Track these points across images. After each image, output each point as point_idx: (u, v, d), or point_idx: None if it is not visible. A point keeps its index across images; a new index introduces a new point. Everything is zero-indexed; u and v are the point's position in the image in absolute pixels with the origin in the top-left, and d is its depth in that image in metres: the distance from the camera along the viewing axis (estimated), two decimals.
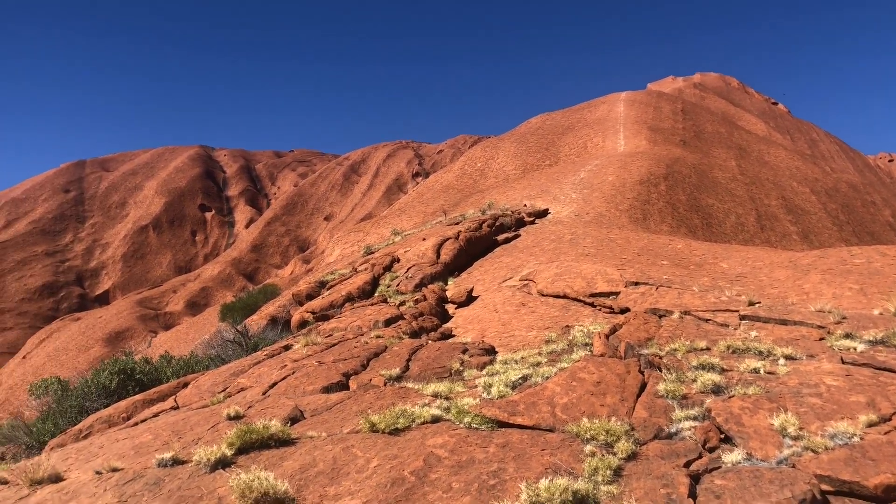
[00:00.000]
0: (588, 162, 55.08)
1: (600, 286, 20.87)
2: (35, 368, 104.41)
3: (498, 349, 16.60)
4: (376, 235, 55.38)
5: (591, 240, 30.83)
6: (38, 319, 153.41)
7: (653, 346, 12.86)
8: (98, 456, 11.88)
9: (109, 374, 24.44)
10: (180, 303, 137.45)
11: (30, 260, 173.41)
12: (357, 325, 20.46)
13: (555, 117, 78.45)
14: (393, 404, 10.93)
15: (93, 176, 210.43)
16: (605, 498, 7.52)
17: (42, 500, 10.21)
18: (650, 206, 44.89)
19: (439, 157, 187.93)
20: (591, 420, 9.11)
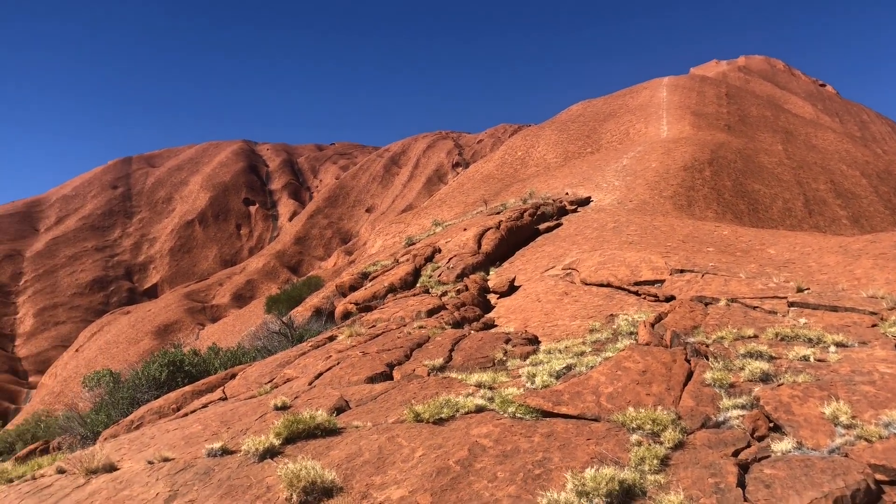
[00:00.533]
0: (630, 149, 54.44)
1: (645, 274, 20.64)
2: (87, 361, 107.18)
3: (541, 339, 16.54)
4: (417, 226, 55.54)
5: (635, 227, 30.49)
6: (89, 313, 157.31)
7: (699, 335, 12.70)
8: (150, 446, 12.16)
9: (159, 367, 24.96)
10: (226, 295, 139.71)
11: (80, 255, 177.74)
12: (400, 315, 20.56)
13: (596, 104, 77.66)
14: (437, 394, 10.97)
15: (139, 172, 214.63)
16: (652, 487, 7.45)
17: (97, 488, 10.49)
18: (695, 193, 44.22)
19: (479, 147, 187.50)
20: (636, 409, 9.03)
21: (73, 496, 10.58)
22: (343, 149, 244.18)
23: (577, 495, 7.13)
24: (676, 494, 6.98)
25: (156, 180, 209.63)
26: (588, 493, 7.17)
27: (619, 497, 7.22)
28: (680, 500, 6.84)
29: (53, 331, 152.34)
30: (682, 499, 6.88)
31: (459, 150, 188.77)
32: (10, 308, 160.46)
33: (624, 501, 7.23)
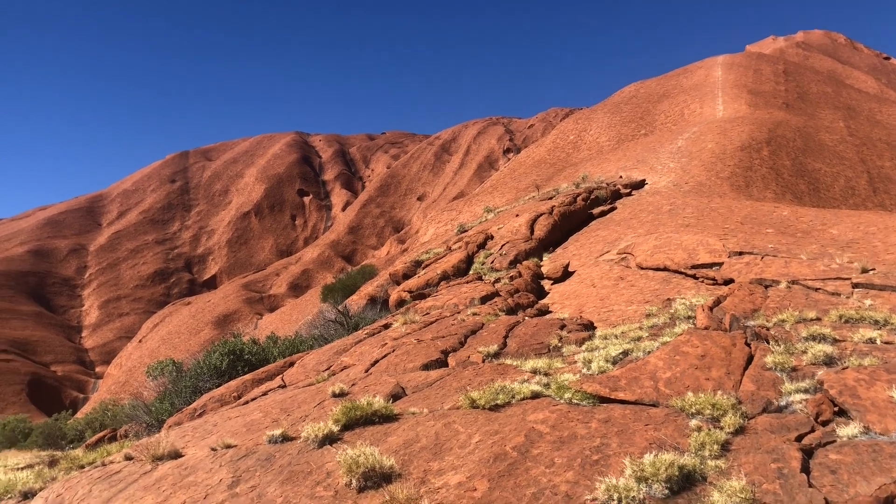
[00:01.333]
0: (685, 129, 53.41)
1: (702, 257, 20.29)
2: (151, 351, 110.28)
3: (597, 324, 16.41)
4: (469, 213, 55.52)
5: (692, 210, 29.96)
6: (151, 304, 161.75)
7: (759, 318, 12.44)
8: (212, 433, 12.46)
9: (220, 356, 25.55)
10: (283, 285, 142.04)
11: (142, 248, 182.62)
12: (453, 302, 20.62)
13: (649, 85, 76.34)
14: (492, 381, 10.99)
15: (196, 165, 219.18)
16: (713, 473, 7.35)
17: (163, 475, 10.81)
18: (752, 173, 43.20)
19: (530, 132, 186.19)
20: (695, 394, 8.91)
21: (140, 482, 10.92)
22: (394, 138, 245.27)
23: (636, 481, 7.07)
24: (738, 480, 6.87)
25: (212, 173, 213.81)
26: (647, 479, 7.11)
27: (679, 482, 7.14)
28: (742, 486, 6.73)
29: (117, 322, 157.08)
30: (745, 484, 6.77)
31: (510, 136, 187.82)
32: (77, 301, 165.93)
33: (684, 487, 7.14)
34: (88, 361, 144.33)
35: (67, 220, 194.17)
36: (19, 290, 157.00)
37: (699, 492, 7.09)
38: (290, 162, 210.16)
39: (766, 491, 6.93)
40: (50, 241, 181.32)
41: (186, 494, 9.71)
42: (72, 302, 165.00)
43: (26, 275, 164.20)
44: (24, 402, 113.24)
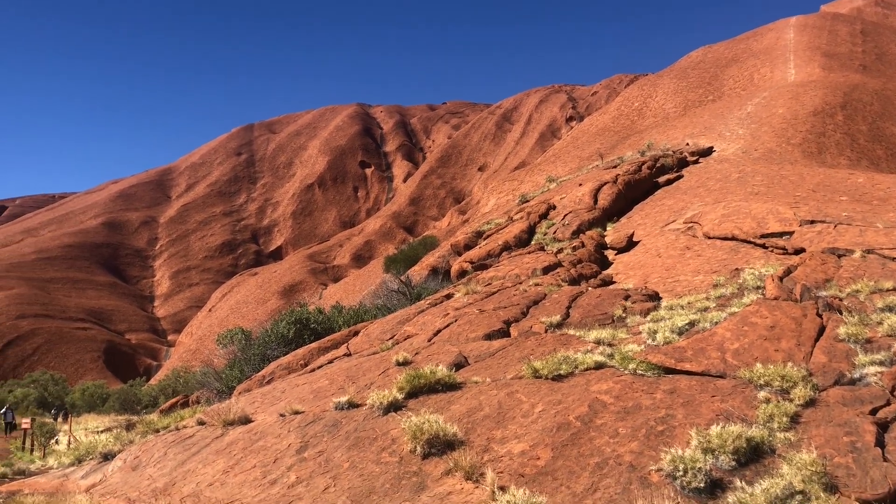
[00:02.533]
0: (755, 95, 51.74)
1: (772, 226, 19.74)
2: (220, 320, 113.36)
3: (662, 295, 16.18)
4: (531, 183, 55.11)
5: (761, 177, 29.12)
6: (219, 275, 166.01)
7: (832, 288, 12.06)
8: (281, 400, 12.79)
9: (287, 325, 26.12)
10: (346, 256, 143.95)
11: (210, 220, 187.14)
12: (515, 273, 20.58)
13: (717, 49, 74.04)
14: (555, 351, 10.97)
15: (261, 138, 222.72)
16: (782, 445, 7.21)
17: (234, 439, 11.16)
18: (826, 139, 41.66)
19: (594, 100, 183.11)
20: (764, 366, 8.72)
21: (213, 446, 11.30)
22: (454, 107, 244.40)
23: (702, 452, 6.99)
24: (809, 453, 6.73)
25: (276, 146, 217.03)
26: (714, 451, 7.02)
27: (747, 454, 7.03)
28: (812, 459, 6.58)
29: (188, 292, 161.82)
30: (815, 457, 6.62)
31: (573, 104, 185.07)
32: (148, 271, 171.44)
33: (752, 459, 7.04)
34: (160, 330, 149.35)
35: (138, 193, 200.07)
36: (94, 261, 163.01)
37: (767, 464, 6.98)
38: (351, 134, 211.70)
39: (837, 465, 6.77)
40: (122, 213, 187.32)
41: (257, 458, 10.02)
42: (144, 272, 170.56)
43: (101, 246, 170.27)
44: (101, 368, 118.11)
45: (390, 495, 7.90)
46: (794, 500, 6.28)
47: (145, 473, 11.51)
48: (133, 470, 12.11)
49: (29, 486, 13.74)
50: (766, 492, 6.33)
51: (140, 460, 12.38)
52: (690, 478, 6.74)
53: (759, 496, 6.28)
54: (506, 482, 7.46)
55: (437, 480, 7.95)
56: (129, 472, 12.14)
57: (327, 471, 8.90)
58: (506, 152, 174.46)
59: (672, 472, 6.88)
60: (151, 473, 11.33)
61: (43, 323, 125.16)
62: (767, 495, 6.28)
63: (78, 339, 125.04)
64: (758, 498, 6.26)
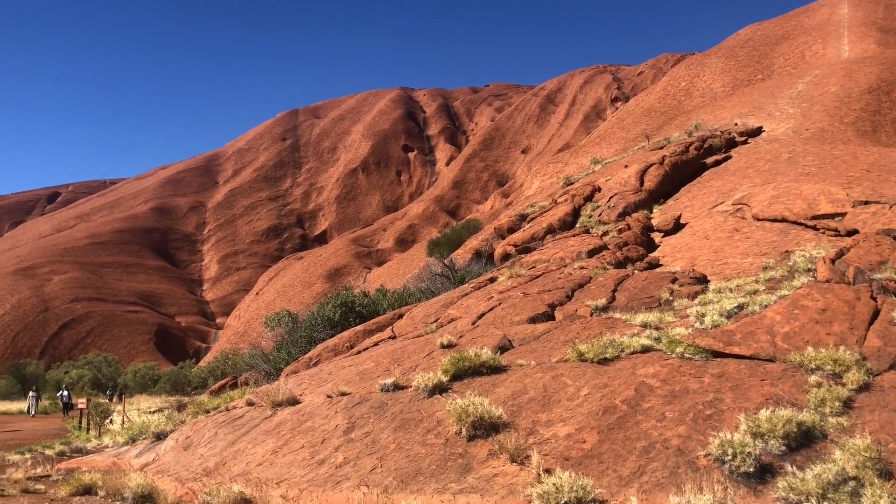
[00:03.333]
0: (806, 73, 50.42)
1: (823, 207, 19.29)
2: (267, 303, 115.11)
3: (710, 277, 15.95)
4: (575, 165, 54.63)
5: (812, 157, 28.43)
6: (266, 259, 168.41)
7: (887, 270, 11.74)
8: (328, 382, 12.95)
9: (333, 307, 26.41)
10: (390, 240, 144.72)
11: (256, 205, 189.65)
12: (559, 256, 20.47)
13: (767, 27, 72.25)
14: (600, 334, 10.90)
15: (305, 124, 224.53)
16: (834, 430, 7.07)
17: (283, 420, 11.35)
18: (881, 117, 40.44)
19: (639, 80, 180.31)
20: (816, 349, 8.55)
21: (262, 426, 11.51)
22: (497, 90, 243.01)
23: (751, 436, 6.90)
24: (862, 438, 6.58)
25: (321, 131, 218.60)
26: (763, 435, 6.92)
27: (798, 439, 6.92)
28: (866, 445, 6.44)
29: (235, 276, 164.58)
30: (869, 443, 6.47)
31: (618, 84, 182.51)
32: (197, 256, 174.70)
33: (802, 444, 6.92)
34: (209, 313, 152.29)
35: (186, 179, 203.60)
36: (144, 245, 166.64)
37: (819, 449, 6.86)
38: (394, 118, 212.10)
39: (892, 451, 6.63)
40: (171, 198, 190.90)
41: (305, 439, 10.18)
42: (192, 257, 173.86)
43: (150, 231, 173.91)
44: (152, 350, 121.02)
45: (436, 476, 7.96)
46: (847, 486, 6.16)
47: (196, 453, 11.78)
48: (185, 449, 12.40)
49: (86, 464, 14.18)
50: (818, 477, 6.22)
51: (191, 440, 12.67)
52: (739, 462, 6.66)
53: (811, 481, 6.17)
54: (551, 465, 7.46)
55: (482, 462, 7.99)
56: (180, 451, 12.44)
57: (374, 451, 9.00)
58: (549, 134, 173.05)
59: (720, 457, 6.81)
60: (202, 453, 11.59)
61: (96, 306, 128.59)
62: (819, 481, 6.17)
63: (130, 321, 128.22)
64: (809, 483, 6.16)
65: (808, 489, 6.10)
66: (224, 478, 9.82)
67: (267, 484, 9.15)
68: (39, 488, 11.28)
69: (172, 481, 10.53)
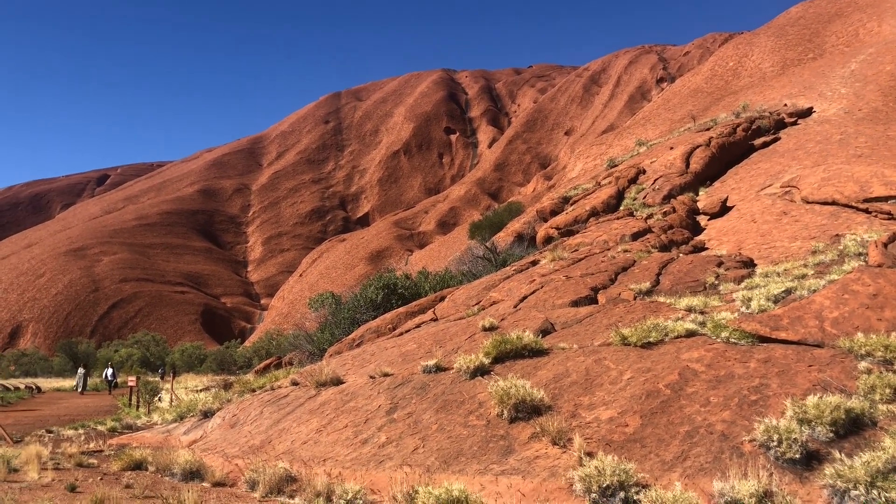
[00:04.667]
0: (860, 51, 48.96)
1: (876, 190, 18.78)
2: (310, 285, 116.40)
3: (757, 261, 15.69)
4: (619, 147, 53.96)
5: (865, 139, 27.66)
6: (309, 241, 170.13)
7: None
8: (370, 362, 13.09)
9: (375, 289, 26.60)
10: (431, 223, 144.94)
11: (299, 187, 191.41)
12: (603, 239, 20.30)
13: (819, 4, 70.25)
14: (644, 318, 10.81)
15: (348, 106, 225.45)
16: (884, 418, 6.93)
17: (327, 399, 11.51)
18: None
19: (686, 60, 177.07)
20: (866, 335, 8.37)
21: (306, 406, 11.70)
22: (540, 71, 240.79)
23: (797, 423, 6.80)
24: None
25: (363, 113, 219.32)
26: (810, 421, 6.82)
27: (846, 426, 6.80)
28: None
29: (279, 257, 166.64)
30: None
31: (664, 65, 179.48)
32: (242, 237, 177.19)
33: (851, 431, 6.80)
34: (254, 294, 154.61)
35: (231, 161, 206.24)
36: (191, 227, 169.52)
37: (868, 436, 6.73)
38: (436, 100, 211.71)
39: None
40: (216, 181, 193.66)
41: (348, 418, 10.32)
42: (237, 238, 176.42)
43: (196, 213, 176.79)
44: (199, 330, 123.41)
45: (478, 457, 8.02)
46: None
47: (243, 431, 12.02)
48: (231, 427, 12.66)
49: (136, 440, 14.57)
50: (867, 465, 6.11)
51: (238, 418, 12.93)
52: (785, 448, 6.58)
53: (859, 469, 6.07)
54: (593, 448, 7.46)
55: (524, 444, 8.02)
56: (227, 429, 12.70)
57: (416, 432, 9.09)
58: (593, 116, 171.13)
59: (766, 443, 6.73)
60: (249, 431, 11.83)
61: (144, 286, 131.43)
62: (868, 468, 6.07)
63: (176, 302, 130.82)
64: (857, 471, 6.06)
65: (857, 477, 6.00)
66: (269, 455, 10.02)
67: (311, 462, 9.30)
68: (92, 462, 11.63)
69: (219, 458, 10.77)
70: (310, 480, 8.58)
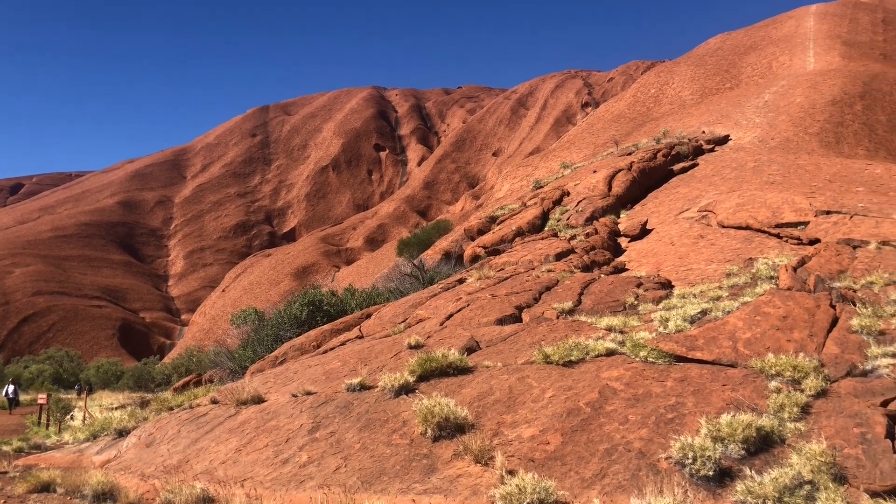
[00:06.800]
0: (773, 83, 51.28)
1: (787, 216, 19.64)
2: (233, 300, 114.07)
3: (674, 283, 16.16)
4: (545, 169, 54.93)
5: (777, 167, 28.93)
6: (233, 256, 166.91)
7: (846, 279, 12.02)
8: (293, 381, 12.89)
9: (300, 306, 26.27)
10: (359, 239, 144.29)
11: (224, 201, 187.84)
12: (528, 259, 20.59)
13: (736, 36, 73.35)
14: (566, 337, 10.99)
15: (276, 120, 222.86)
16: (792, 435, 7.22)
17: (247, 418, 11.28)
18: (844, 129, 41.27)
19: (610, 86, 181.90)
20: (776, 356, 8.72)
21: (226, 425, 11.43)
22: (470, 92, 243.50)
23: (711, 440, 7.02)
24: (818, 443, 6.73)
25: (291, 128, 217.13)
26: (723, 439, 7.04)
27: (757, 444, 7.05)
28: (822, 449, 6.59)
29: (202, 272, 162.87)
30: (825, 448, 6.63)
31: (589, 90, 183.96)
32: (163, 251, 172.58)
33: (761, 448, 7.05)
34: (174, 309, 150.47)
35: (154, 173, 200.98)
36: (110, 239, 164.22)
37: (777, 454, 7.00)
38: (366, 117, 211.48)
39: (847, 455, 6.78)
40: (138, 192, 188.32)
41: (269, 438, 10.13)
42: (158, 252, 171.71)
43: (116, 225, 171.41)
44: (116, 346, 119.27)
45: (401, 476, 7.98)
46: (802, 490, 6.30)
47: (159, 450, 11.65)
48: (147, 447, 12.26)
49: (45, 461, 13.95)
50: (775, 481, 6.35)
51: (154, 437, 12.53)
52: (699, 466, 6.77)
53: (768, 485, 6.30)
54: (515, 466, 7.52)
55: (447, 463, 8.02)
56: (143, 448, 12.30)
57: (338, 451, 8.99)
58: (520, 137, 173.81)
59: (681, 460, 6.91)
60: (165, 450, 11.48)
61: (59, 300, 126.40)
62: (776, 484, 6.30)
63: (93, 316, 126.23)
64: (766, 487, 6.28)
65: (766, 493, 6.23)
66: (187, 475, 9.74)
67: (230, 482, 9.09)
68: None
69: (134, 479, 10.41)
70: (228, 501, 8.38)
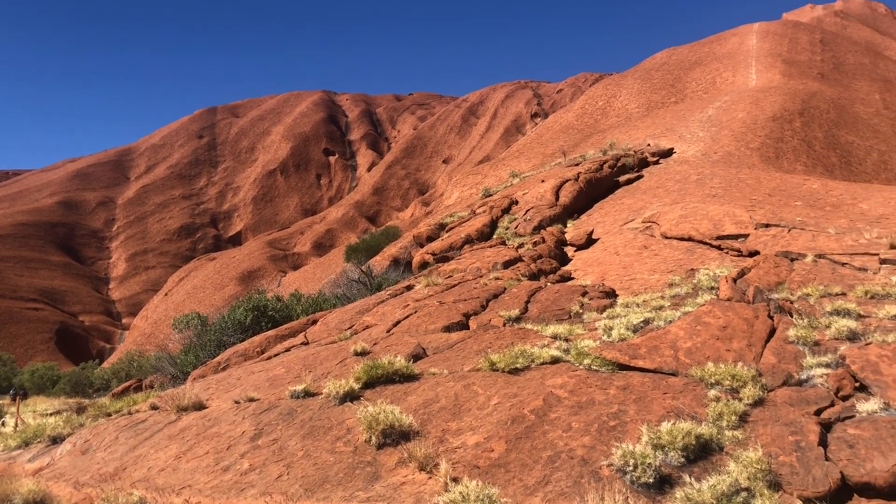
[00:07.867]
0: (716, 98, 52.57)
1: (728, 228, 20.12)
2: (176, 305, 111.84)
3: (619, 292, 16.40)
4: (494, 178, 55.28)
5: (719, 180, 29.63)
6: (177, 259, 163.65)
7: (783, 291, 12.37)
8: (236, 387, 12.69)
9: (244, 311, 25.89)
10: (307, 244, 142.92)
11: (169, 203, 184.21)
12: (476, 266, 20.67)
13: (681, 52, 75.00)
14: (512, 344, 11.06)
15: (224, 122, 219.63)
16: (730, 443, 7.39)
17: (188, 425, 11.06)
18: (783, 145, 42.53)
19: (559, 97, 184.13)
20: (716, 365, 8.92)
21: (165, 431, 11.18)
22: (421, 99, 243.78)
23: (652, 448, 7.13)
24: (755, 451, 6.91)
25: (239, 130, 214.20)
26: (664, 447, 7.16)
27: (696, 451, 7.19)
28: (758, 457, 6.77)
29: (144, 275, 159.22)
30: (761, 455, 6.80)
31: (538, 100, 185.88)
32: (104, 253, 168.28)
33: (700, 456, 7.20)
34: (115, 313, 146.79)
35: (96, 173, 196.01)
36: (49, 240, 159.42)
37: (715, 461, 7.15)
38: (316, 121, 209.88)
39: (782, 463, 6.97)
40: (79, 193, 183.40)
41: (210, 445, 9.94)
42: (100, 254, 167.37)
43: (56, 226, 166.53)
44: (53, 350, 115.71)
45: (344, 484, 7.91)
46: (739, 496, 6.44)
47: (95, 457, 11.34)
48: (83, 454, 11.92)
49: None
50: (713, 488, 6.48)
51: (90, 444, 12.19)
52: (640, 473, 6.87)
53: (706, 492, 6.43)
54: (459, 474, 7.52)
55: (390, 471, 7.98)
56: (78, 455, 11.95)
57: (281, 459, 8.87)
58: (471, 146, 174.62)
59: (622, 467, 7.01)
60: (102, 458, 11.17)
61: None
62: (714, 492, 6.43)
63: (29, 319, 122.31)
64: (704, 494, 6.41)
65: (704, 500, 6.35)
66: (124, 483, 9.49)
67: (168, 490, 8.89)
68: None
69: (68, 487, 10.10)
70: None
